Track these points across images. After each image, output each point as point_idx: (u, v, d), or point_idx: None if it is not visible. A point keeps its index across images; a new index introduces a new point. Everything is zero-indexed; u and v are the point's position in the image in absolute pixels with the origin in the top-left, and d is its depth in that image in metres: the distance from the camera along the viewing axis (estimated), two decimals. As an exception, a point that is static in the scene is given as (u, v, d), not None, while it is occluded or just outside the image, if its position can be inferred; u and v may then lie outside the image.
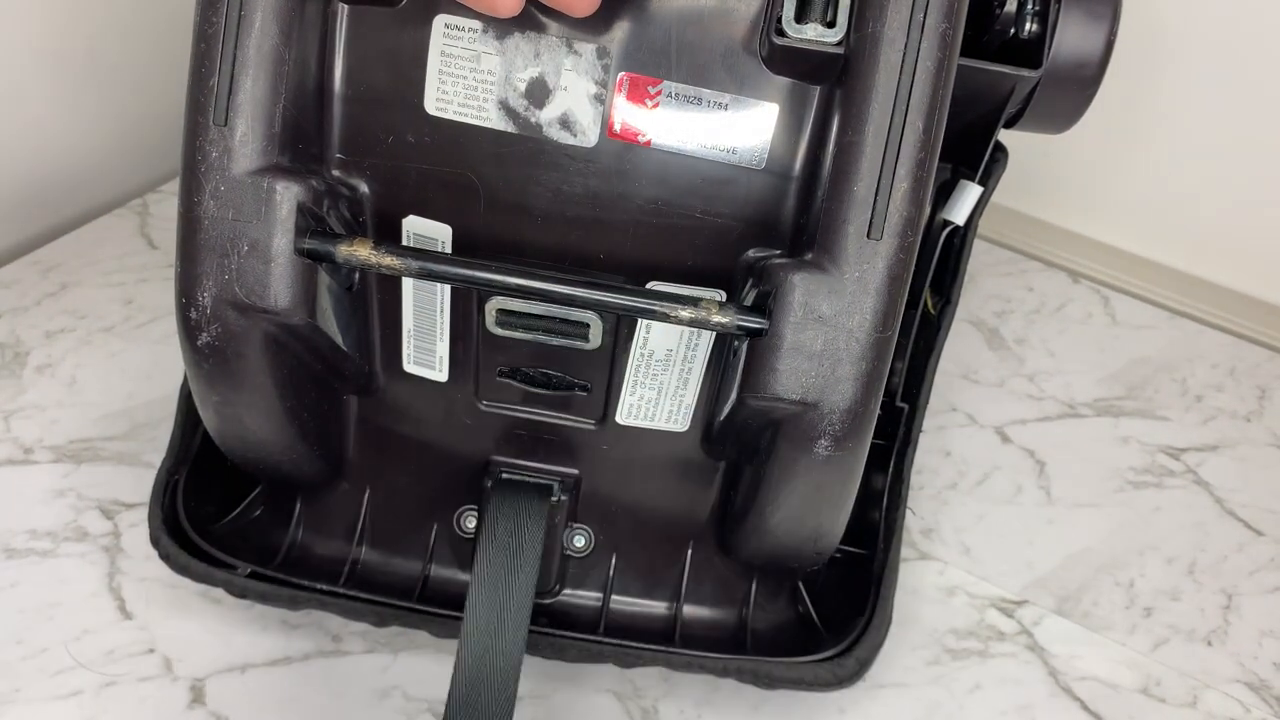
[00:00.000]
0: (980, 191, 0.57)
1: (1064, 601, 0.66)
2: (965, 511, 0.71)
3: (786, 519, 0.53)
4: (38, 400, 0.73)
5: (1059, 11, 0.52)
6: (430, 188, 0.51)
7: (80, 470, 0.68)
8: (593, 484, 0.59)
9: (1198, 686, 0.62)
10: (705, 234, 0.50)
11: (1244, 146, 0.84)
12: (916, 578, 0.66)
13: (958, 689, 0.61)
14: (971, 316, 0.86)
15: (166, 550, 0.57)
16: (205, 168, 0.47)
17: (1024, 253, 0.93)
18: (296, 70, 0.47)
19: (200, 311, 0.48)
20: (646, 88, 0.49)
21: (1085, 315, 0.87)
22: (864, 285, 0.46)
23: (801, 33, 0.46)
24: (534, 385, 0.56)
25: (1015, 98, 0.53)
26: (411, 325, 0.55)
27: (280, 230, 0.47)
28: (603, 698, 0.59)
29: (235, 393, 0.51)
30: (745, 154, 0.49)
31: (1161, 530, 0.71)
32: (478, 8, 0.44)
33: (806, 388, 0.47)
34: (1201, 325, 0.87)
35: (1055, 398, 0.80)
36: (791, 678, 0.55)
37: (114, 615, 0.61)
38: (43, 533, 0.64)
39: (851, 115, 0.45)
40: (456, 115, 0.50)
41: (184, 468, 0.60)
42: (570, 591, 0.60)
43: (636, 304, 0.47)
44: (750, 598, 0.60)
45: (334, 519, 0.61)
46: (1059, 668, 0.62)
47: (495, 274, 0.48)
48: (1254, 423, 0.79)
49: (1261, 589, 0.68)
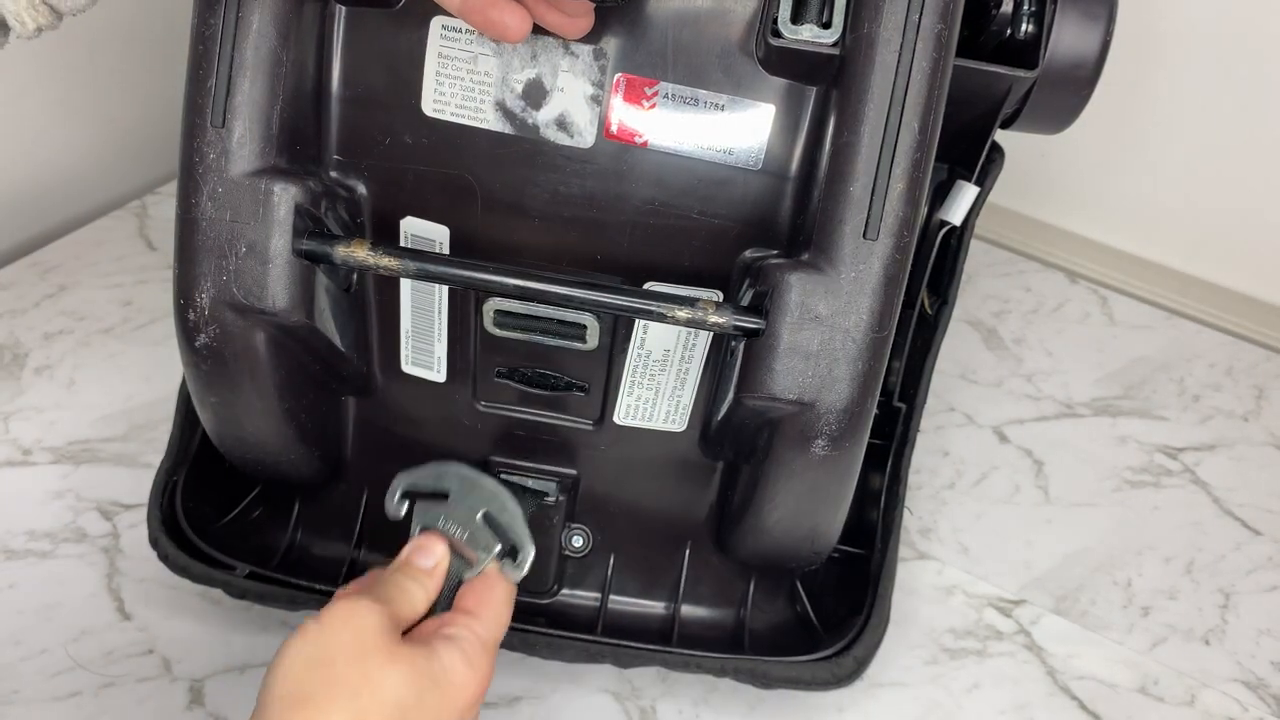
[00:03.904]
0: (977, 192, 0.57)
1: (1062, 601, 0.66)
2: (963, 511, 0.71)
3: (784, 518, 0.53)
4: (36, 402, 0.73)
5: (1055, 12, 0.52)
6: (428, 189, 0.51)
7: (79, 471, 0.68)
8: (590, 484, 0.59)
9: (1195, 685, 0.62)
10: (702, 234, 0.50)
11: (1241, 147, 0.84)
12: (914, 577, 0.66)
13: (956, 688, 0.61)
14: (969, 317, 0.86)
15: (165, 551, 0.57)
16: (203, 169, 0.47)
17: (1022, 253, 0.93)
18: (294, 72, 0.47)
19: (198, 313, 0.48)
20: (643, 89, 0.49)
21: (1083, 315, 0.87)
22: (860, 285, 0.46)
23: (797, 34, 0.46)
24: (532, 386, 0.56)
25: (1011, 98, 0.54)
26: (409, 326, 0.55)
27: (278, 231, 0.47)
28: (601, 697, 0.59)
29: (233, 394, 0.51)
30: (742, 155, 0.49)
31: (1159, 529, 0.71)
32: (489, 33, 0.45)
33: (803, 387, 0.47)
34: (1199, 325, 0.87)
35: (1053, 397, 0.80)
36: (789, 677, 0.56)
37: (113, 616, 0.61)
38: (41, 534, 0.64)
39: (847, 116, 0.45)
40: (454, 116, 0.50)
41: (183, 469, 0.60)
42: (568, 591, 0.60)
43: (633, 304, 0.47)
44: (748, 597, 0.60)
45: (332, 520, 0.61)
46: (1057, 667, 0.62)
47: (493, 275, 0.48)
48: (1252, 422, 0.79)
49: (1259, 588, 0.68)
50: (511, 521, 0.49)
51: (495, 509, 0.49)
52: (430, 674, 0.42)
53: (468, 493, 0.49)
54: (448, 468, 0.50)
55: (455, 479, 0.50)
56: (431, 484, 0.50)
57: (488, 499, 0.49)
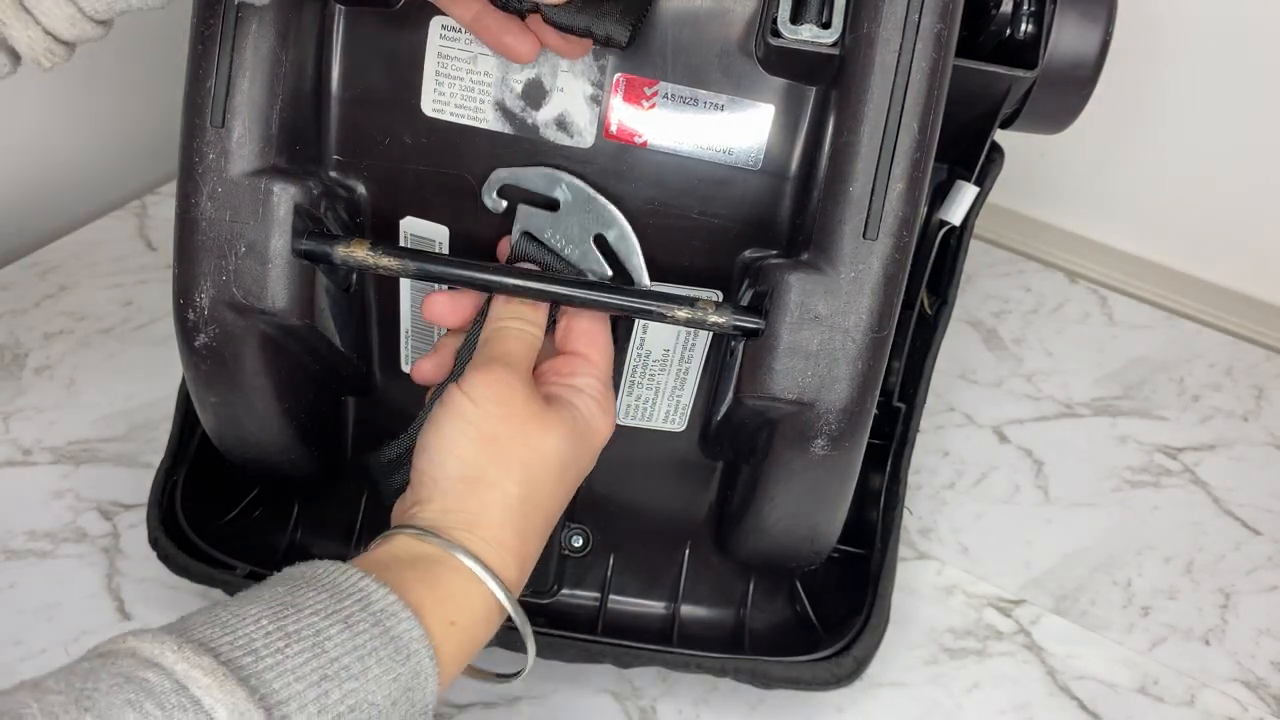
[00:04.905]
0: (976, 192, 0.57)
1: (1062, 601, 0.66)
2: (963, 511, 0.71)
3: (783, 518, 0.53)
4: (36, 402, 0.73)
5: (1054, 12, 0.52)
6: (428, 189, 0.51)
7: (79, 471, 0.68)
8: (590, 484, 0.58)
9: (1195, 685, 0.62)
10: (701, 234, 0.50)
11: (1241, 146, 0.84)
12: (914, 577, 0.66)
13: (956, 688, 0.61)
14: (969, 317, 0.86)
15: (165, 551, 0.57)
16: (203, 169, 0.47)
17: (1021, 253, 0.93)
18: (293, 72, 0.47)
19: (198, 313, 0.48)
20: (643, 89, 0.49)
21: (1083, 315, 0.87)
22: (860, 285, 0.46)
23: (797, 34, 0.46)
24: (531, 385, 0.56)
25: (1011, 98, 0.54)
26: (409, 326, 0.55)
27: (278, 231, 0.47)
28: (601, 697, 0.59)
29: (233, 393, 0.51)
30: (741, 155, 0.49)
31: (1159, 529, 0.71)
32: (503, 55, 0.47)
33: (803, 387, 0.47)
34: (1199, 325, 0.87)
35: (1053, 397, 0.80)
36: (789, 677, 0.56)
37: (113, 616, 0.61)
38: (41, 534, 0.64)
39: (847, 116, 0.45)
40: (454, 116, 0.50)
41: (183, 468, 0.60)
42: (568, 591, 0.60)
43: (633, 304, 0.47)
44: (748, 597, 0.60)
45: (332, 519, 0.61)
46: (1057, 667, 0.62)
47: (492, 275, 0.48)
48: (1251, 422, 0.79)
49: (1259, 588, 0.68)
50: (628, 252, 0.46)
51: (612, 235, 0.46)
52: (577, 430, 0.46)
53: (582, 208, 0.45)
54: (561, 175, 0.46)
55: (569, 190, 0.46)
56: (540, 188, 0.46)
57: (604, 222, 0.46)
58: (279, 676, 0.35)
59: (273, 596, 0.38)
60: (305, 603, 0.38)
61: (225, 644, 0.36)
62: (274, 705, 0.35)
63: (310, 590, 0.39)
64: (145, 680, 0.33)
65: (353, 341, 0.54)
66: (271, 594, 0.39)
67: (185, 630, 0.36)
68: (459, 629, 0.41)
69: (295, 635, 0.37)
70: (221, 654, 0.35)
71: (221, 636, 0.36)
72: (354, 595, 0.39)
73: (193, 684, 0.34)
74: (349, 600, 0.39)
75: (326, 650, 0.37)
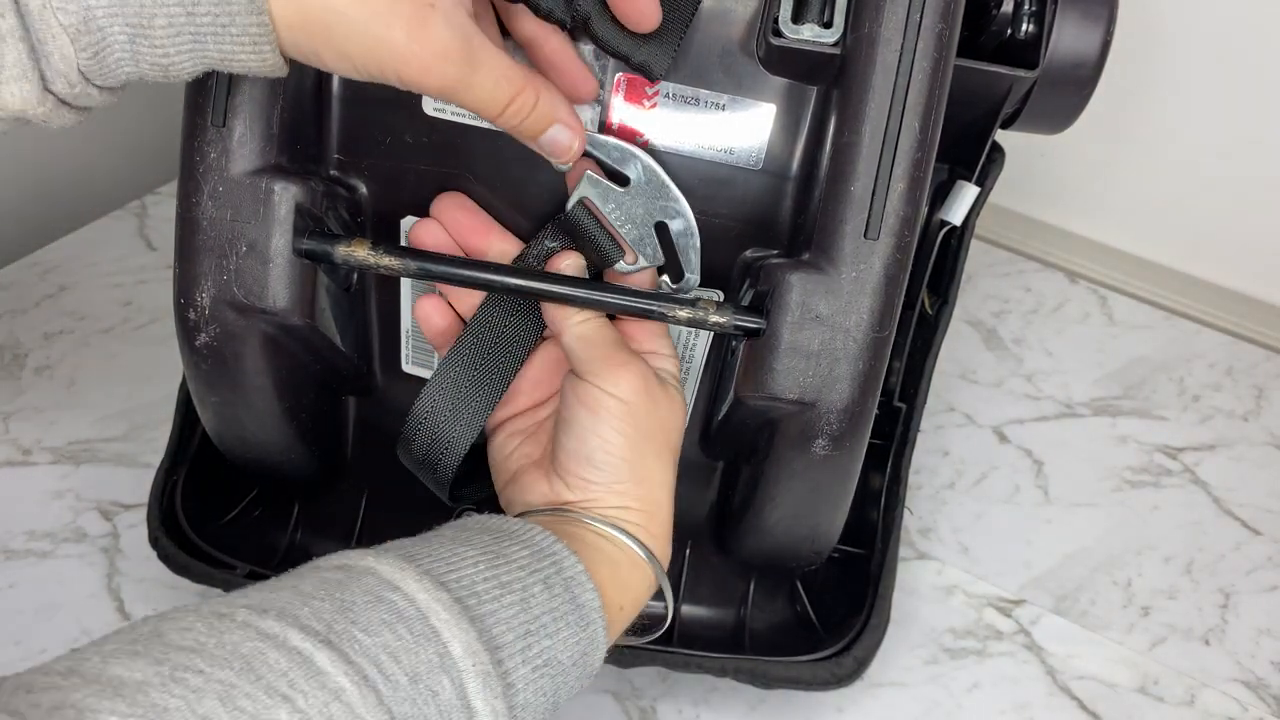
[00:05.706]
0: (977, 192, 0.57)
1: (1062, 601, 0.66)
2: (963, 511, 0.71)
3: (784, 518, 0.53)
4: (36, 402, 0.73)
5: (1055, 12, 0.52)
6: (429, 188, 0.51)
7: (79, 471, 0.68)
8: (591, 484, 0.59)
9: (1195, 685, 0.62)
10: (702, 234, 0.50)
11: (1241, 147, 0.85)
12: (914, 577, 0.66)
13: (956, 688, 0.61)
14: (969, 317, 0.86)
15: (165, 551, 0.57)
16: (204, 169, 0.47)
17: (1022, 253, 0.93)
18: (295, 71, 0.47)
19: (199, 312, 0.48)
20: (644, 88, 0.49)
21: (1083, 315, 0.87)
22: (861, 285, 0.46)
23: (798, 33, 0.46)
24: (532, 385, 0.56)
25: (1012, 98, 0.54)
26: (410, 326, 0.55)
27: (279, 231, 0.47)
28: (601, 697, 0.59)
29: (233, 393, 0.51)
30: (742, 154, 0.49)
31: (1159, 529, 0.71)
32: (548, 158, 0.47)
33: (804, 387, 0.47)
34: (1199, 325, 0.87)
35: (1053, 397, 0.80)
36: (789, 677, 0.56)
37: (113, 616, 0.61)
38: (41, 534, 0.64)
39: (848, 116, 0.45)
40: (455, 116, 0.50)
41: (183, 468, 0.60)
42: (569, 591, 0.60)
43: (634, 304, 0.47)
44: (748, 597, 0.60)
45: (333, 519, 0.61)
46: (1057, 667, 0.62)
47: (493, 274, 0.48)
48: (1251, 422, 0.79)
49: (1259, 588, 0.68)
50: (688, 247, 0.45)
51: (676, 226, 0.45)
52: (680, 406, 0.49)
53: (653, 193, 0.44)
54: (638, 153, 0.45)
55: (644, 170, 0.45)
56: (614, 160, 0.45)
57: (671, 212, 0.45)
58: (498, 624, 0.38)
59: (481, 543, 0.41)
60: (512, 555, 0.40)
61: (453, 581, 0.38)
62: (494, 649, 0.37)
63: (513, 545, 0.41)
64: (394, 604, 0.36)
65: (353, 341, 0.54)
66: (480, 540, 0.41)
67: (413, 558, 0.38)
68: (625, 614, 0.45)
69: (508, 586, 0.39)
70: (452, 591, 0.37)
71: (449, 573, 0.38)
72: (551, 557, 0.41)
73: (433, 615, 0.36)
74: (546, 561, 0.41)
75: (530, 607, 0.39)
